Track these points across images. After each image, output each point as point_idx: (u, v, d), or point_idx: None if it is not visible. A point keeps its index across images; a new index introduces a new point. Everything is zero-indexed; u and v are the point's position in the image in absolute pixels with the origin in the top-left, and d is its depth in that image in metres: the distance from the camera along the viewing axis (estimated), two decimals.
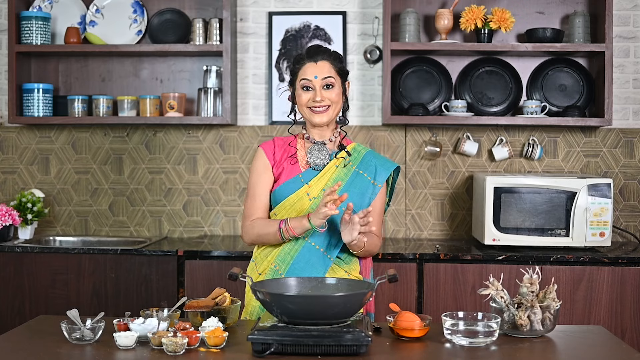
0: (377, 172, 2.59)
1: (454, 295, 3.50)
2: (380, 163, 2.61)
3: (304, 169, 2.58)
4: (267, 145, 2.64)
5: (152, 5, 4.10)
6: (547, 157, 4.05)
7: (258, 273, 2.58)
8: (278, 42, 4.08)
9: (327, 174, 2.56)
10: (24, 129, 4.17)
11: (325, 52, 2.57)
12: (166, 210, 4.15)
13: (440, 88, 4.02)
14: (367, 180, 2.57)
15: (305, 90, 2.55)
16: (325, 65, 2.54)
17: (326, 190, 2.40)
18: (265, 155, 2.61)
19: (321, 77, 2.52)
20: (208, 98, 3.99)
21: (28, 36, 3.92)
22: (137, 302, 3.59)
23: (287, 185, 2.56)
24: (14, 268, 3.65)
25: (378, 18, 4.06)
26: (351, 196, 2.51)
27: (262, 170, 2.60)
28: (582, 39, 3.86)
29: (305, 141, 2.63)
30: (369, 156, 2.62)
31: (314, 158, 2.58)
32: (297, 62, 2.58)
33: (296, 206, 2.54)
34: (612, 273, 3.45)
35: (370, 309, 2.64)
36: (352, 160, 2.60)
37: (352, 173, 2.57)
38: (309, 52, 2.57)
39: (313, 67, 2.54)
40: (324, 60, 2.55)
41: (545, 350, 2.14)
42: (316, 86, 2.53)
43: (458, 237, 4.06)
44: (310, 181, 2.55)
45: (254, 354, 2.04)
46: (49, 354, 2.07)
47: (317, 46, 2.60)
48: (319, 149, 2.59)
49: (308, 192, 2.54)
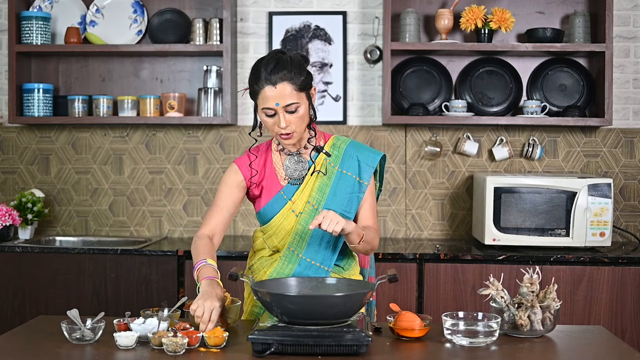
0: (361, 169, 2.45)
1: (454, 295, 3.50)
2: (362, 157, 2.47)
3: (284, 184, 2.47)
4: (241, 160, 2.50)
5: (152, 5, 4.10)
6: (547, 157, 4.05)
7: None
8: (278, 42, 4.08)
9: (308, 185, 2.45)
10: (24, 129, 4.17)
11: (284, 68, 2.31)
12: (166, 210, 4.15)
13: (440, 88, 4.02)
14: (352, 179, 2.45)
15: (268, 117, 2.36)
16: (286, 88, 2.31)
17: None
18: (241, 171, 2.48)
19: (282, 104, 2.32)
20: (208, 98, 3.99)
21: (28, 36, 3.92)
22: (137, 302, 3.59)
23: (272, 206, 2.46)
24: (14, 268, 3.65)
25: (378, 18, 4.06)
26: (339, 200, 2.43)
27: (234, 186, 2.48)
28: (582, 39, 3.86)
29: (280, 153, 2.50)
30: (350, 150, 2.48)
31: (291, 172, 2.46)
32: (255, 80, 2.34)
33: (284, 225, 2.45)
34: (612, 273, 3.45)
35: (364, 264, 2.60)
36: (333, 160, 2.46)
37: (336, 175, 2.45)
38: (267, 71, 2.32)
39: (272, 92, 2.31)
40: (282, 82, 2.31)
41: (545, 350, 2.14)
42: (279, 112, 2.33)
43: (458, 237, 4.06)
44: (293, 196, 2.45)
45: (254, 354, 2.04)
46: (49, 354, 2.07)
47: (276, 62, 2.33)
48: (295, 161, 2.46)
49: (293, 209, 2.44)
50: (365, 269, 2.63)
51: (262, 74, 2.32)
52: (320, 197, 2.43)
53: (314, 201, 2.43)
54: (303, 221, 2.43)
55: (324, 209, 2.36)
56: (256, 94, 2.36)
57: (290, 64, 2.34)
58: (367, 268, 2.63)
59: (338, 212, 2.39)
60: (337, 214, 2.27)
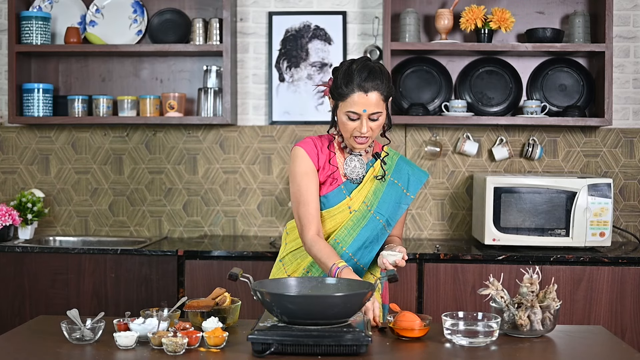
0: (410, 183, 2.60)
1: (454, 295, 3.50)
2: (412, 172, 2.62)
3: (343, 180, 2.57)
4: (309, 146, 2.55)
5: (152, 5, 4.10)
6: (547, 157, 4.05)
7: (287, 275, 2.59)
8: (278, 42, 4.08)
9: (366, 186, 2.57)
10: (24, 129, 4.17)
11: (377, 78, 2.42)
12: (166, 210, 4.15)
13: (440, 88, 4.02)
14: (400, 189, 2.59)
15: (350, 120, 2.45)
16: (375, 96, 2.42)
17: (374, 314, 2.37)
18: (310, 158, 2.54)
19: (369, 112, 2.42)
20: (208, 98, 3.99)
21: (28, 36, 3.92)
22: (137, 302, 3.59)
23: (332, 197, 2.55)
24: (14, 268, 3.65)
25: (378, 18, 4.06)
26: (387, 206, 2.55)
27: (311, 174, 2.53)
28: (582, 39, 3.86)
29: (343, 151, 2.59)
30: (401, 163, 2.62)
31: (350, 170, 2.56)
32: (346, 83, 2.43)
33: (336, 217, 2.55)
34: (612, 273, 3.45)
35: (384, 300, 2.64)
36: (387, 168, 2.60)
37: (388, 183, 2.58)
38: (361, 78, 2.41)
39: (362, 99, 2.41)
40: (374, 90, 2.41)
41: (545, 350, 2.14)
42: (362, 118, 2.44)
43: (458, 237, 4.06)
44: (352, 193, 2.55)
45: (254, 354, 2.04)
46: (49, 354, 2.07)
47: (369, 71, 2.43)
48: (355, 161, 2.57)
49: (349, 205, 2.55)
50: (381, 276, 2.65)
51: (355, 79, 2.42)
52: (374, 200, 2.56)
53: (369, 202, 2.56)
54: (355, 218, 2.54)
55: (375, 212, 2.53)
56: (344, 97, 2.44)
57: (381, 74, 2.45)
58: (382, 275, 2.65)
59: (385, 218, 2.54)
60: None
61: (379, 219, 2.54)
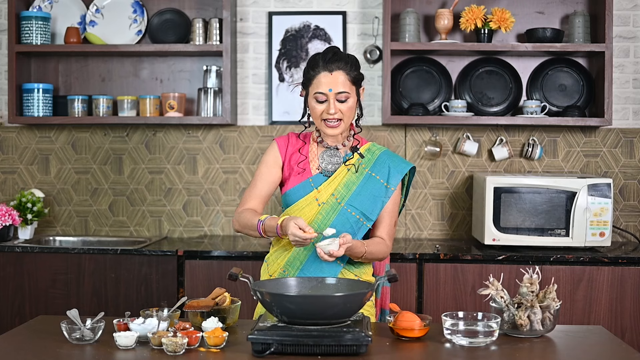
0: (390, 174, 2.57)
1: (454, 295, 3.50)
2: (393, 164, 2.59)
3: (314, 173, 2.57)
4: (282, 140, 2.63)
5: (152, 5, 4.10)
6: (547, 157, 4.05)
7: (269, 275, 2.59)
8: (278, 42, 4.08)
9: (337, 179, 2.56)
10: (24, 129, 4.17)
11: (341, 59, 2.50)
12: (166, 210, 4.15)
13: (440, 88, 4.02)
14: (379, 182, 2.56)
15: (318, 103, 2.51)
16: (340, 76, 2.49)
17: (306, 232, 2.33)
18: (279, 149, 2.61)
19: (335, 90, 2.48)
20: (208, 98, 3.99)
21: (28, 36, 3.92)
22: (137, 302, 3.59)
23: (297, 190, 2.55)
24: (14, 268, 3.65)
25: (378, 18, 4.06)
26: (363, 199, 2.53)
27: (271, 163, 2.61)
28: (582, 39, 3.86)
29: (318, 145, 2.61)
30: (383, 157, 2.60)
31: (325, 164, 2.57)
32: (312, 67, 2.51)
33: (305, 211, 2.54)
34: (612, 273, 3.45)
35: (384, 305, 2.63)
36: (365, 162, 2.58)
37: (364, 176, 2.56)
38: (325, 58, 2.50)
39: (327, 78, 2.48)
40: (339, 70, 2.49)
41: (545, 350, 2.14)
42: (330, 99, 2.49)
43: (458, 237, 4.06)
44: (320, 186, 2.55)
45: (254, 354, 2.04)
46: (49, 354, 2.07)
47: (334, 52, 2.52)
48: (331, 154, 2.58)
49: (317, 198, 2.54)
50: (381, 276, 2.63)
51: (319, 62, 2.50)
52: (346, 192, 2.53)
53: (339, 195, 2.53)
54: (324, 211, 2.53)
55: (346, 205, 2.50)
56: (310, 80, 2.51)
57: (347, 57, 2.53)
58: (382, 275, 2.63)
59: (359, 211, 2.52)
60: (350, 244, 2.38)
61: (350, 212, 2.52)
